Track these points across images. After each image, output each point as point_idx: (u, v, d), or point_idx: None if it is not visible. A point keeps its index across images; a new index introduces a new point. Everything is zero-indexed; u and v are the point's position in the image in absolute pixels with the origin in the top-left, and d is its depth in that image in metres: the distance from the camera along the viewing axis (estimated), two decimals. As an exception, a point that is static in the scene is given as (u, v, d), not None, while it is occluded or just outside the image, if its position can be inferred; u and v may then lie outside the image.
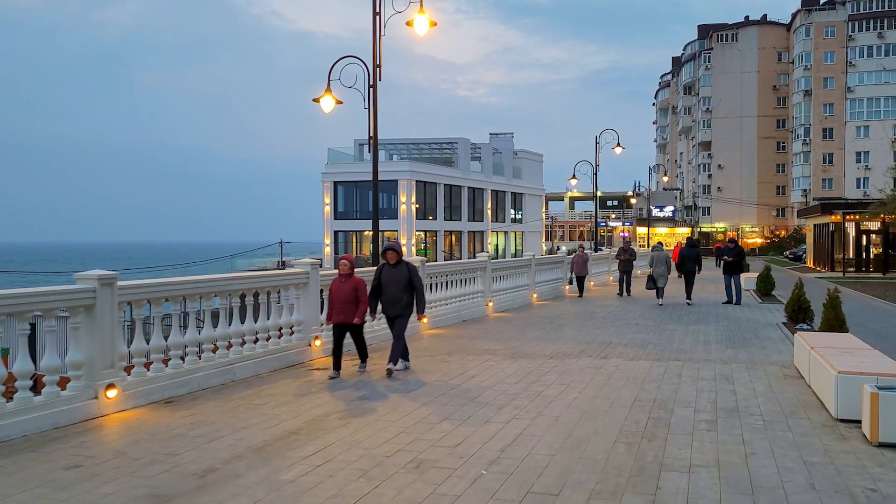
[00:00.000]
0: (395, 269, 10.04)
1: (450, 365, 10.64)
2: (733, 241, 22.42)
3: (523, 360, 11.12)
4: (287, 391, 8.84)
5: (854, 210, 43.51)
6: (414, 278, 10.09)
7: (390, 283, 10.08)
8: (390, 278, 10.08)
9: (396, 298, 10.05)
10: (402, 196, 58.02)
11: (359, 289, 9.78)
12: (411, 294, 10.10)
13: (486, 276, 18.22)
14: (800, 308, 15.40)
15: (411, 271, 10.09)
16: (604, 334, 14.19)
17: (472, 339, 13.39)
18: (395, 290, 10.03)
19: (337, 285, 9.86)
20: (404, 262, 10.16)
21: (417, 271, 10.24)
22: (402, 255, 10.22)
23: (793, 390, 8.86)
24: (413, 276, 10.08)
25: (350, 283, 9.78)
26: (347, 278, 9.81)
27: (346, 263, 9.90)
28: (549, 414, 7.62)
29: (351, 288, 9.78)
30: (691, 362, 10.92)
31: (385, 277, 10.09)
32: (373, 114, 14.38)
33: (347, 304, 9.73)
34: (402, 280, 10.05)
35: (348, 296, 9.74)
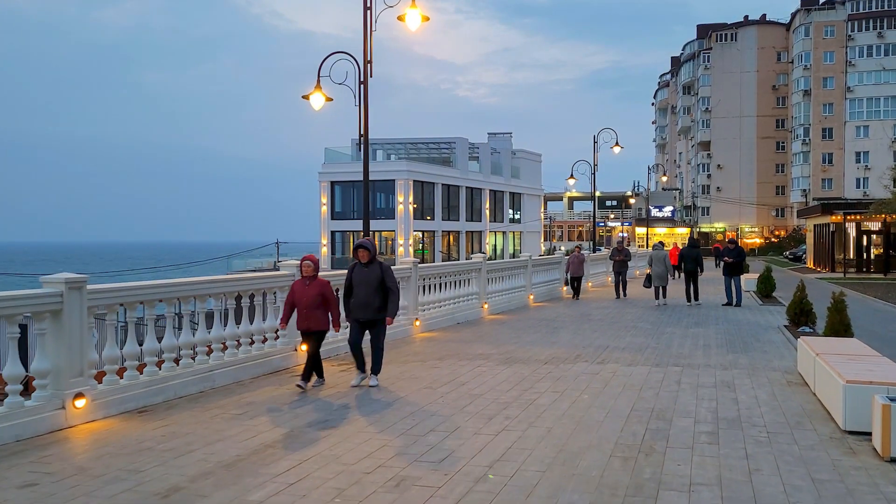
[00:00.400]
0: (368, 269, 9.20)
1: (440, 371, 10.24)
2: (734, 242, 22.03)
3: (517, 365, 10.72)
4: (268, 399, 8.44)
5: (855, 210, 43.12)
6: (388, 279, 9.23)
7: (361, 284, 9.20)
8: (362, 279, 9.20)
9: (368, 301, 9.16)
10: (400, 196, 57.64)
11: (325, 292, 8.99)
12: (384, 297, 9.23)
13: (481, 278, 17.83)
14: (802, 311, 15.02)
15: (385, 272, 9.23)
16: (601, 338, 13.80)
17: (466, 343, 13.00)
18: (367, 292, 9.14)
19: (300, 288, 9.04)
20: (378, 261, 9.32)
21: (391, 272, 9.42)
22: (375, 254, 9.39)
23: (797, 399, 8.46)
24: (386, 277, 9.22)
25: (315, 285, 9.00)
26: (311, 280, 9.05)
27: (309, 264, 9.10)
28: (542, 425, 7.22)
29: (316, 291, 8.98)
30: (691, 368, 10.53)
31: (356, 278, 9.24)
32: (364, 111, 13.98)
33: (312, 310, 8.95)
34: (374, 281, 9.17)
35: (313, 300, 8.94)
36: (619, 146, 34.36)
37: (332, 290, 9.13)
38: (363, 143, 14.15)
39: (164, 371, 8.53)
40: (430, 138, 67.73)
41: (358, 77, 14.05)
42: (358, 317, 9.25)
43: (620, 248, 24.26)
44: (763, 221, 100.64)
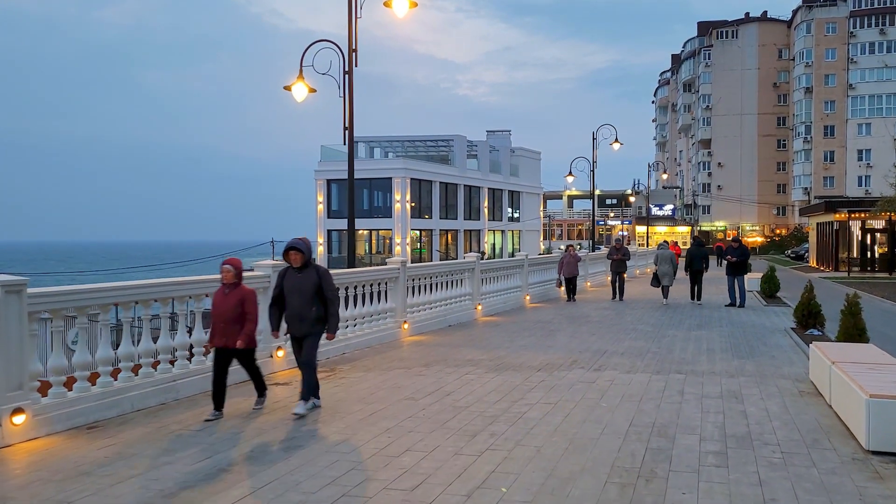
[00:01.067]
0: (301, 275, 7.79)
1: (425, 379, 9.53)
2: (737, 241, 21.25)
3: (508, 372, 10.01)
4: (234, 413, 7.73)
5: (860, 208, 42.38)
6: (325, 286, 7.83)
7: (294, 292, 7.77)
8: (294, 286, 7.79)
9: (301, 313, 7.75)
10: (397, 194, 56.85)
11: (246, 302, 7.61)
12: (322, 308, 7.84)
13: (474, 278, 17.10)
14: (810, 312, 14.31)
15: (322, 278, 7.84)
16: (598, 341, 13.08)
17: (455, 348, 12.29)
18: (300, 302, 7.74)
19: (219, 298, 7.64)
20: (314, 265, 7.93)
21: (330, 278, 8.01)
22: (310, 256, 7.95)
23: (812, 411, 7.75)
24: (324, 284, 7.83)
25: (235, 294, 7.60)
26: (232, 289, 7.64)
27: (229, 269, 7.68)
28: (530, 443, 6.51)
29: (236, 301, 7.56)
30: (694, 375, 9.82)
31: (287, 285, 7.83)
32: (349, 102, 13.26)
33: (231, 323, 7.52)
34: (308, 289, 7.74)
35: (232, 312, 7.53)
36: (619, 143, 33.62)
37: (255, 299, 7.78)
38: (348, 135, 13.42)
39: (121, 382, 7.81)
40: (428, 136, 66.98)
41: (342, 67, 13.34)
42: (293, 332, 7.95)
43: (618, 247, 22.86)
44: (764, 220, 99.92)
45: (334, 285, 8.03)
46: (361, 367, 10.47)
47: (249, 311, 7.62)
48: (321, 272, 7.90)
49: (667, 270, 20.84)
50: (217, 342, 7.59)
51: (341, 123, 13.90)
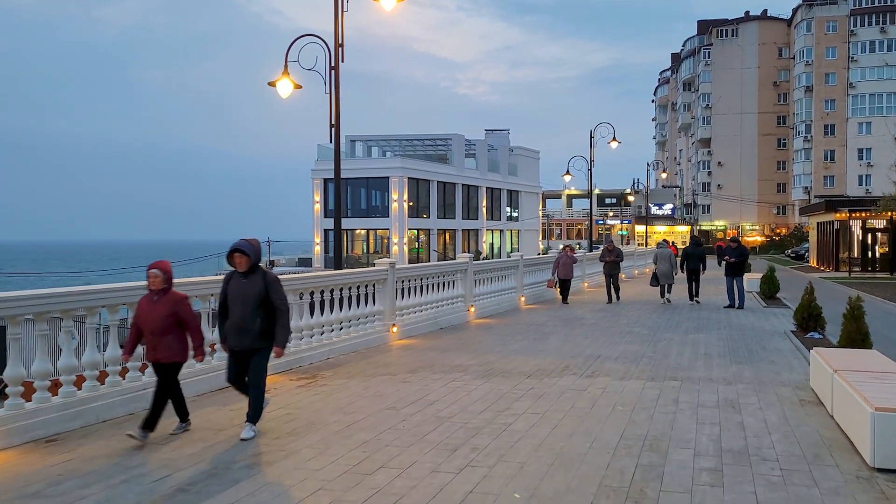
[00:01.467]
0: (246, 281, 6.86)
1: (409, 387, 9.13)
2: (736, 241, 20.83)
3: (496, 379, 9.61)
4: (205, 423, 7.34)
5: (861, 207, 41.96)
6: (273, 294, 6.88)
7: (237, 300, 6.84)
8: (237, 293, 6.85)
9: (243, 324, 6.80)
10: (394, 193, 56.46)
11: (181, 311, 6.74)
12: (269, 318, 6.89)
13: (466, 279, 16.71)
14: (811, 315, 13.91)
15: (269, 284, 6.88)
16: (592, 345, 12.69)
17: (444, 352, 11.89)
18: (243, 312, 6.79)
19: (145, 307, 6.72)
20: (261, 270, 6.99)
21: (279, 285, 7.00)
22: (258, 259, 6.97)
23: (812, 422, 7.36)
24: (272, 292, 6.88)
25: (164, 302, 6.69)
26: (161, 295, 6.73)
27: (156, 274, 6.72)
28: (513, 459, 6.12)
29: (166, 310, 6.66)
30: (690, 382, 9.42)
31: (231, 292, 6.91)
32: (335, 98, 12.86)
33: (160, 336, 6.65)
34: (253, 296, 6.80)
35: (161, 322, 6.63)
36: (617, 141, 33.20)
37: (188, 306, 6.94)
38: (334, 133, 13.02)
39: (85, 391, 7.42)
40: (426, 135, 66.58)
41: (328, 62, 12.94)
42: (232, 345, 6.95)
43: (611, 248, 21.95)
44: (764, 219, 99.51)
45: (283, 293, 7.06)
46: (344, 373, 10.08)
47: (188, 319, 6.82)
48: (269, 278, 6.96)
49: (666, 270, 20.81)
50: (147, 356, 6.84)
51: (327, 116, 13.50)
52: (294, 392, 8.82)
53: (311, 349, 10.98)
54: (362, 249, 59.74)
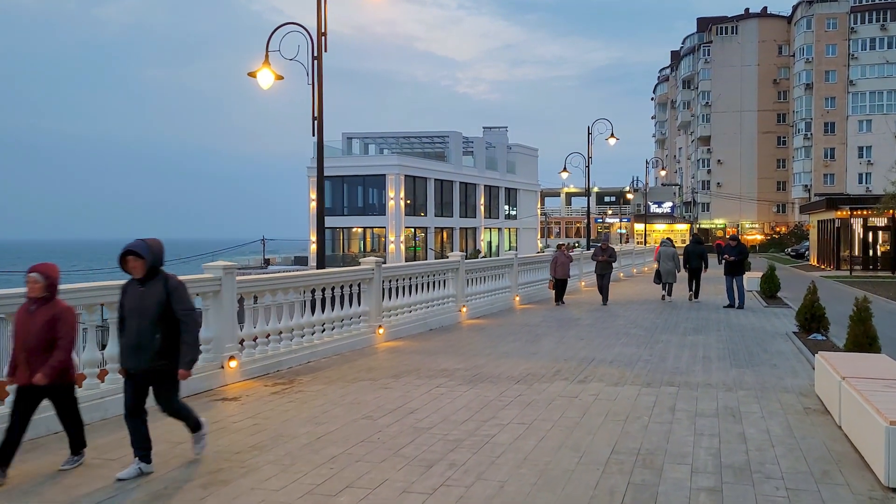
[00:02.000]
0: (143, 289, 5.70)
1: (390, 393, 8.61)
2: (735, 239, 20.28)
3: (483, 385, 9.09)
4: (168, 436, 6.79)
5: (862, 205, 41.41)
6: (176, 304, 5.73)
7: (133, 313, 5.68)
8: (133, 305, 5.70)
9: (138, 341, 5.65)
10: (391, 191, 55.91)
11: (59, 323, 5.65)
12: (173, 333, 5.73)
13: (458, 279, 16.18)
14: (813, 315, 13.39)
15: (171, 293, 5.73)
16: (586, 348, 12.16)
17: (431, 355, 11.37)
18: (140, 326, 5.64)
19: (22, 318, 5.71)
20: (162, 275, 5.78)
21: (184, 292, 5.83)
22: (157, 262, 5.76)
23: (819, 433, 6.83)
24: (174, 301, 5.72)
25: (43, 313, 5.65)
26: (41, 305, 5.68)
27: (36, 279, 5.65)
28: (494, 477, 5.60)
29: (44, 322, 5.61)
30: (688, 388, 8.90)
31: (127, 303, 5.76)
32: (318, 90, 12.33)
33: (37, 352, 5.58)
34: (152, 308, 5.65)
35: (39, 336, 5.58)
36: (615, 137, 32.66)
37: (69, 321, 5.73)
38: (317, 126, 12.49)
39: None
40: (424, 132, 66.05)
41: (311, 52, 12.42)
42: (127, 366, 5.79)
43: (604, 247, 21.03)
44: (764, 217, 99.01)
45: (190, 301, 5.90)
46: (324, 378, 9.56)
47: (62, 334, 5.63)
48: (171, 284, 5.75)
49: (670, 268, 20.74)
50: (18, 378, 5.64)
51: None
52: (266, 400, 8.30)
53: (290, 352, 10.46)
54: (359, 248, 59.22)
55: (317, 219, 13.10)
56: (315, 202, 55.94)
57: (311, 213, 57.50)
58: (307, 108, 12.68)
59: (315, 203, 56.21)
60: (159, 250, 5.79)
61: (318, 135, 12.55)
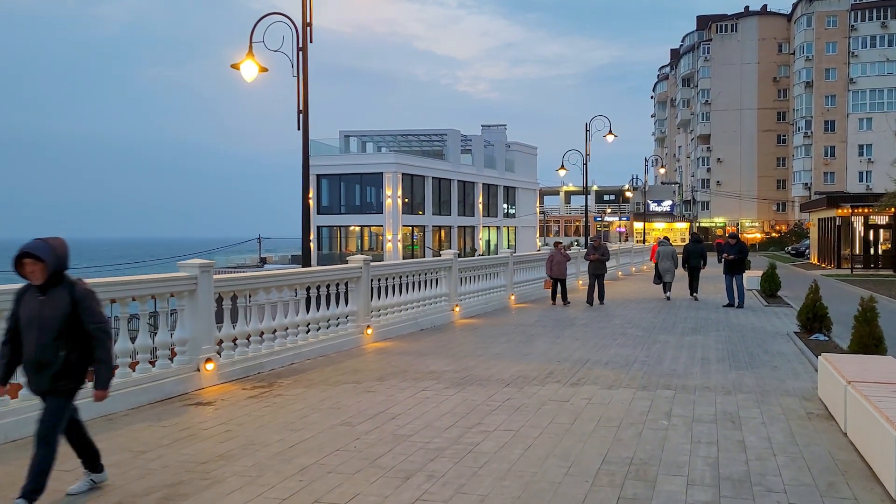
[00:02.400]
0: (44, 298, 4.87)
1: (373, 397, 8.21)
2: (735, 237, 19.87)
3: (472, 388, 8.70)
4: (132, 444, 6.42)
5: (864, 203, 40.98)
6: (85, 316, 4.90)
7: (31, 324, 4.84)
8: (31, 316, 4.86)
9: (39, 357, 4.83)
10: (388, 190, 55.50)
11: None
12: (81, 348, 4.91)
13: (451, 277, 15.79)
14: (815, 315, 12.99)
15: (79, 302, 4.89)
16: (581, 348, 11.77)
17: (420, 357, 10.98)
18: (40, 340, 4.81)
19: None
20: (68, 281, 4.94)
21: (93, 301, 4.98)
22: (59, 266, 4.90)
23: (823, 441, 6.44)
24: (82, 311, 4.89)
25: None
26: None
27: None
28: (474, 490, 5.20)
29: None
30: (685, 391, 8.51)
31: (24, 313, 4.91)
32: (303, 83, 11.92)
33: None
34: (53, 320, 4.82)
35: None
36: (613, 134, 32.26)
37: None
38: (302, 120, 12.07)
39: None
40: (421, 130, 65.62)
41: (296, 43, 12.01)
42: (32, 386, 5.00)
43: (597, 245, 20.16)
44: (764, 216, 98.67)
45: (101, 311, 5.05)
46: (305, 381, 9.16)
47: None
48: (79, 292, 4.91)
49: (669, 267, 20.69)
50: None
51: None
52: (242, 404, 7.90)
53: (272, 354, 10.06)
54: (356, 246, 58.81)
55: (302, 216, 12.69)
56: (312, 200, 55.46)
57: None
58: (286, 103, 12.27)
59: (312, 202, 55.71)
60: (63, 252, 4.93)
61: (303, 129, 12.14)
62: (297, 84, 11.98)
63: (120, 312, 8.00)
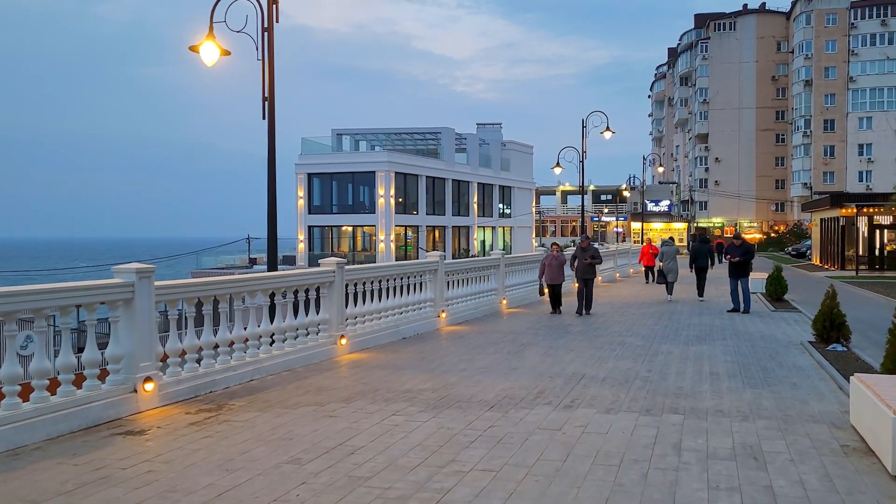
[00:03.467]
0: None
1: (333, 424, 7.06)
2: (739, 237, 18.62)
3: (449, 412, 7.56)
4: (26, 492, 5.27)
5: (871, 203, 39.89)
6: None
7: None
8: None
9: None
10: (381, 189, 54.35)
11: None
12: None
13: (437, 281, 14.65)
14: (833, 324, 11.88)
15: None
16: (576, 361, 10.64)
17: (397, 371, 9.84)
18: None
19: None
20: None
21: None
22: None
23: (869, 487, 5.30)
24: None
25: None
26: None
27: None
28: (436, 564, 4.06)
29: None
30: (695, 416, 7.38)
31: None
32: (269, 67, 10.77)
33: None
34: None
35: None
36: (611, 131, 31.15)
37: None
38: (268, 108, 10.92)
39: None
40: (415, 128, 64.43)
41: (260, 23, 10.85)
42: None
43: (585, 246, 17.61)
44: (762, 216, 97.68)
45: None
46: (261, 402, 8.01)
47: None
48: None
49: (672, 267, 20.52)
50: None
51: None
52: (180, 433, 6.75)
53: (226, 370, 8.90)
54: (349, 247, 57.68)
55: (267, 216, 11.50)
56: (302, 200, 54.23)
57: (300, 211, 55.95)
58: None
59: (302, 201, 54.44)
60: None
61: (269, 119, 10.97)
62: (262, 68, 10.82)
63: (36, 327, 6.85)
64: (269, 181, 11.32)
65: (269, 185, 11.30)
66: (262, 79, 10.89)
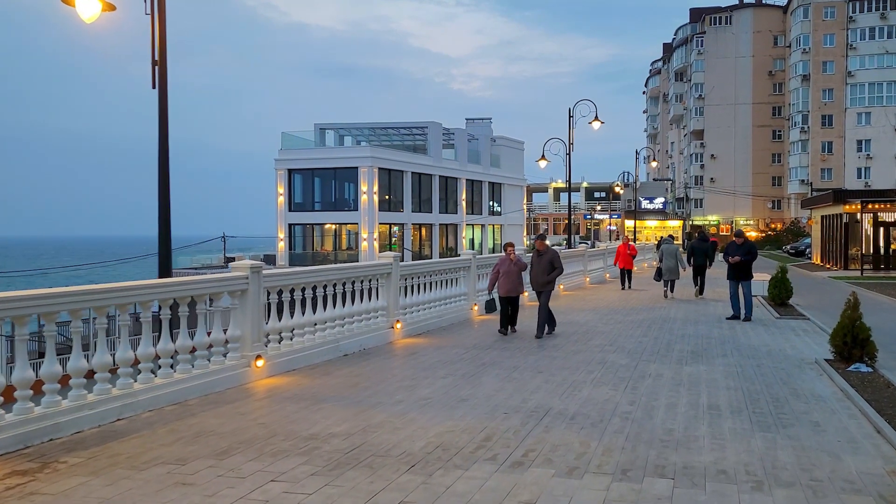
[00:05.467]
0: None
1: (181, 499, 5.00)
2: (741, 236, 16.47)
3: (352, 474, 5.51)
4: None
5: (878, 199, 37.88)
6: None
7: None
8: None
9: None
10: (364, 185, 52.23)
11: None
12: None
13: (390, 286, 12.59)
14: (855, 339, 9.86)
15: None
16: (543, 387, 8.59)
17: (315, 404, 7.78)
18: None
19: None
20: None
21: None
22: None
23: None
24: None
25: None
26: None
27: None
28: None
29: None
30: (689, 483, 5.34)
31: None
32: (159, 25, 8.69)
33: None
34: None
35: None
36: (599, 121, 29.13)
37: None
38: (158, 74, 8.87)
39: None
40: (401, 123, 62.32)
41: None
42: None
43: (543, 250, 13.56)
44: (759, 214, 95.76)
45: None
46: (106, 457, 5.95)
47: None
48: None
49: (671, 265, 20.37)
50: None
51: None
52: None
53: (82, 408, 6.84)
54: (332, 245, 55.57)
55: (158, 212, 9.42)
56: (282, 197, 51.99)
57: (280, 209, 53.84)
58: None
59: (282, 198, 52.19)
60: None
61: (159, 87, 8.89)
62: (152, 24, 8.75)
63: None
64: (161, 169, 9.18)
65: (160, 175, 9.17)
66: (152, 39, 8.80)
